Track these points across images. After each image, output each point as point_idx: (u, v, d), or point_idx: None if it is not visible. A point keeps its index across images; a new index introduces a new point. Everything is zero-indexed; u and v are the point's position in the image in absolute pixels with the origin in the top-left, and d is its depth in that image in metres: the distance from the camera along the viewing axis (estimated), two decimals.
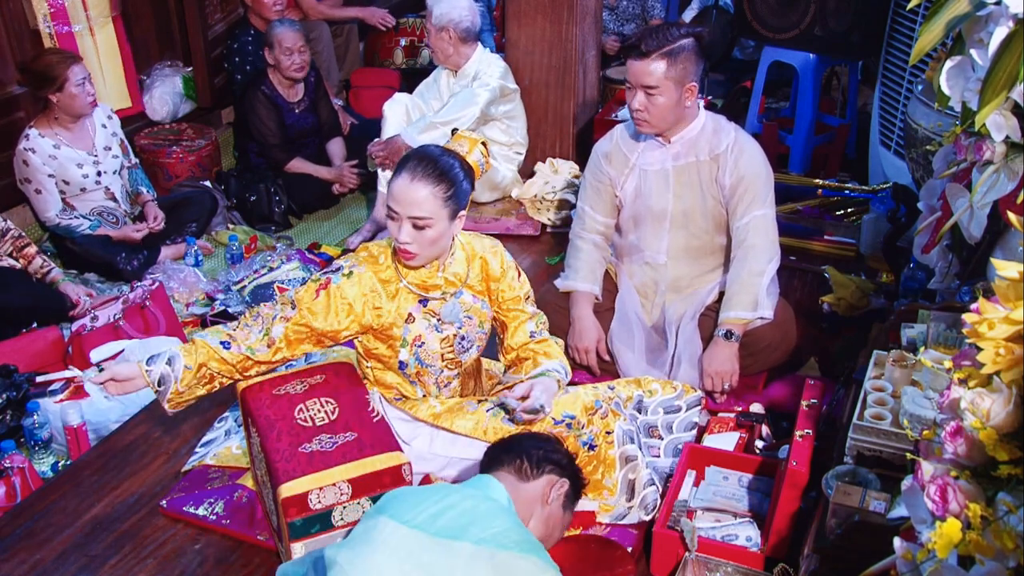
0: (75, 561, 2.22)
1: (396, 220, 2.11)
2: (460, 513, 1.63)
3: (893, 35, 3.81)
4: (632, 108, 2.61)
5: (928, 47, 1.97)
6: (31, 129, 3.64)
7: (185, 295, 3.60)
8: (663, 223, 2.74)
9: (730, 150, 2.65)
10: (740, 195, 2.65)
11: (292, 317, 2.15)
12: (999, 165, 1.98)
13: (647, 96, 2.57)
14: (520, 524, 1.70)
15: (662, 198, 2.72)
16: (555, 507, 1.92)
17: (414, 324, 2.21)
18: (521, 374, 2.35)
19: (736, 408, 2.66)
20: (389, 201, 2.12)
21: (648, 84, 2.55)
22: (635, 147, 2.76)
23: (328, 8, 5.33)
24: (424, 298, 2.22)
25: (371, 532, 1.63)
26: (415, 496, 1.71)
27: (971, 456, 1.23)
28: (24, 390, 2.83)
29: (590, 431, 2.22)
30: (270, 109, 4.24)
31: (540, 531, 1.88)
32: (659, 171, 2.72)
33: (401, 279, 2.20)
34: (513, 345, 2.37)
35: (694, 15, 5.56)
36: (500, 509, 1.69)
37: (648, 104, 2.58)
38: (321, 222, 4.33)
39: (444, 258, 2.23)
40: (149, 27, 4.83)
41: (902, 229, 3.28)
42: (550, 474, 1.91)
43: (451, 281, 2.25)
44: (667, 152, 2.70)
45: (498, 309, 2.35)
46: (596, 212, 2.84)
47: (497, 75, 3.83)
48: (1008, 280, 1.19)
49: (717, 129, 2.69)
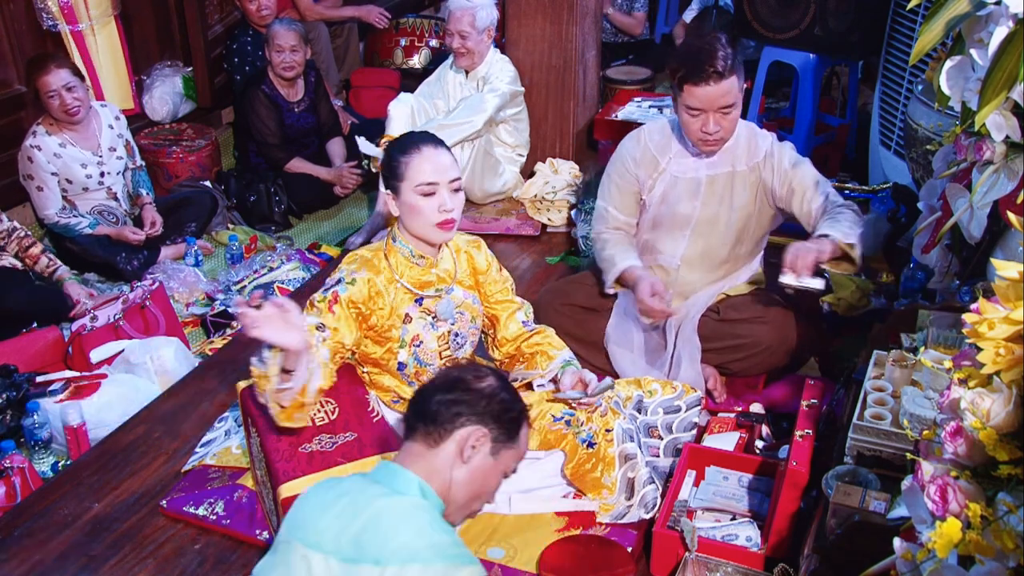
0: (75, 561, 2.22)
1: (434, 194, 2.13)
2: (362, 527, 1.48)
3: (893, 35, 3.81)
4: (708, 133, 2.51)
5: (928, 47, 1.97)
6: (38, 127, 3.64)
7: (185, 295, 3.60)
8: (684, 230, 2.72)
9: (771, 150, 2.62)
10: (802, 181, 2.58)
11: (327, 337, 2.10)
12: (999, 165, 1.99)
13: (723, 115, 2.50)
14: (430, 521, 1.51)
15: (689, 205, 2.68)
16: (478, 460, 1.63)
17: (411, 324, 2.22)
18: (536, 369, 2.36)
19: (736, 408, 2.66)
20: (422, 178, 2.12)
21: (727, 104, 2.48)
22: (666, 151, 2.70)
23: (325, 9, 5.33)
24: (420, 297, 2.24)
25: (288, 564, 1.51)
26: (318, 510, 1.54)
27: (971, 456, 1.23)
28: (24, 390, 2.83)
29: (589, 428, 2.22)
30: (270, 108, 4.24)
31: (466, 492, 1.63)
32: (691, 179, 2.67)
33: (398, 279, 2.21)
34: (508, 337, 2.39)
35: (694, 15, 5.56)
36: (405, 511, 1.51)
37: (723, 122, 2.51)
38: (321, 222, 4.33)
39: (436, 254, 2.26)
40: (149, 27, 4.83)
41: (902, 229, 3.28)
42: (462, 428, 1.61)
43: (443, 278, 2.28)
44: (702, 161, 2.65)
45: (487, 303, 2.38)
46: (620, 212, 2.78)
47: (507, 80, 3.83)
48: (1008, 280, 1.19)
49: (753, 135, 2.65)
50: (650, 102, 4.31)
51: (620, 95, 4.45)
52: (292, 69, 4.22)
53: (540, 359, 2.37)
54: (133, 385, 2.90)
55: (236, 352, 3.08)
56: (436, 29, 5.50)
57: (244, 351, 3.07)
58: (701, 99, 2.47)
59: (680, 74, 2.48)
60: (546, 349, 2.38)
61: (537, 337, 2.41)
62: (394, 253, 2.23)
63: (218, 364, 3.02)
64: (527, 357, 2.39)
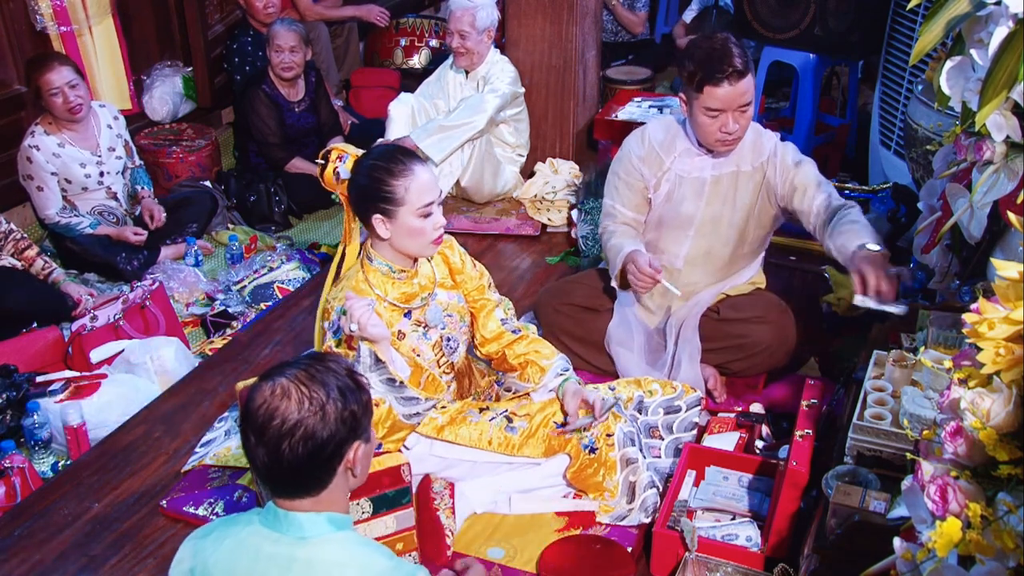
0: (75, 561, 2.22)
1: (431, 213, 2.14)
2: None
3: (893, 35, 3.81)
4: (728, 133, 2.50)
5: (928, 47, 1.98)
6: (37, 127, 3.64)
7: (185, 295, 3.60)
8: (688, 230, 2.71)
9: (775, 150, 2.62)
10: (805, 180, 2.57)
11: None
12: (999, 165, 1.99)
13: (741, 113, 2.49)
14: (363, 552, 1.46)
15: (692, 205, 2.67)
16: (362, 463, 1.52)
17: (405, 340, 2.21)
18: (530, 383, 2.35)
19: (736, 408, 2.66)
20: (424, 199, 2.11)
21: (746, 103, 2.47)
22: (671, 150, 2.68)
23: (325, 9, 5.33)
24: (408, 310, 2.22)
25: None
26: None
27: (971, 456, 1.23)
28: (24, 390, 2.83)
29: (591, 433, 2.22)
30: (270, 108, 4.24)
31: (360, 482, 1.56)
32: (696, 179, 2.66)
33: (384, 298, 2.19)
34: (487, 336, 2.38)
35: (694, 15, 5.56)
36: (332, 555, 1.44)
37: (741, 119, 2.49)
38: (321, 222, 4.33)
39: (414, 264, 2.24)
40: (149, 27, 4.83)
41: (902, 229, 3.28)
42: (343, 459, 1.47)
43: (424, 285, 2.26)
44: (707, 160, 2.64)
45: (468, 300, 2.38)
46: (627, 208, 2.74)
47: (508, 81, 3.83)
48: (1008, 280, 1.19)
49: (759, 135, 2.65)
50: (650, 102, 4.30)
51: (620, 95, 4.45)
52: (291, 70, 4.22)
53: (532, 371, 2.36)
54: (133, 385, 2.90)
55: (236, 352, 3.08)
56: (436, 29, 5.50)
57: (244, 351, 3.08)
58: (722, 99, 2.45)
59: (698, 77, 2.46)
60: (535, 359, 2.36)
61: (522, 345, 2.38)
62: (373, 273, 2.20)
63: (218, 364, 3.02)
64: (517, 367, 2.38)
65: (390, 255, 2.19)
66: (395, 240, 2.16)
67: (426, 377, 2.23)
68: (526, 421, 2.24)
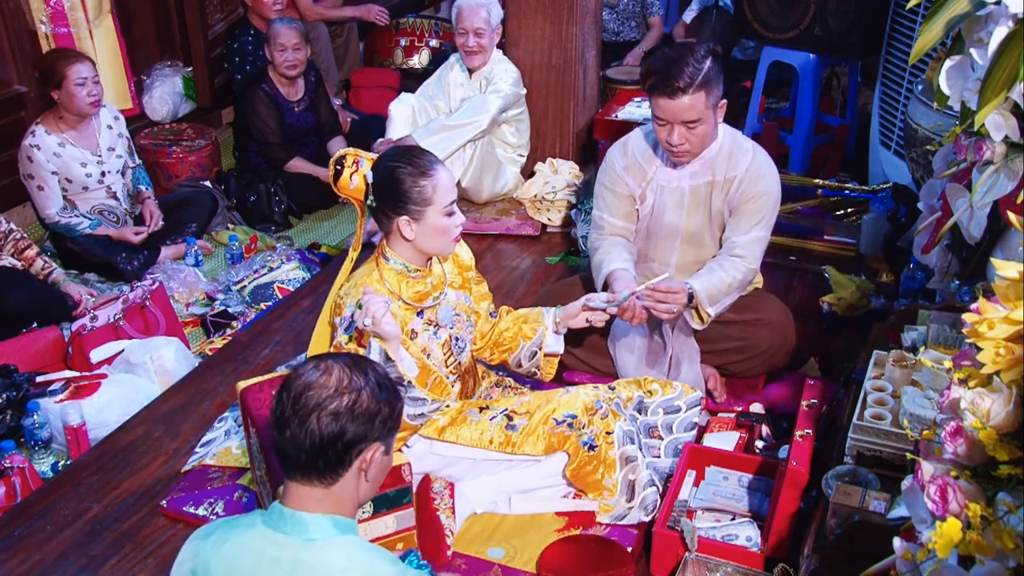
0: (75, 561, 2.22)
1: (454, 212, 2.17)
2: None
3: (893, 35, 3.81)
4: (673, 144, 2.51)
5: (928, 47, 1.98)
6: (37, 126, 3.65)
7: (185, 295, 3.60)
8: (674, 239, 2.72)
9: (747, 171, 2.61)
10: (748, 213, 2.60)
11: None
12: (999, 165, 1.99)
13: (688, 129, 2.49)
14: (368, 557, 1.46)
15: (675, 215, 2.68)
16: (377, 468, 1.53)
17: (417, 339, 2.22)
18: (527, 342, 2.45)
19: (736, 408, 2.66)
20: (448, 197, 2.14)
21: (691, 119, 2.47)
22: (653, 161, 2.68)
23: (325, 9, 5.33)
24: (420, 309, 2.23)
25: None
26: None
27: (971, 456, 1.23)
28: (24, 390, 2.83)
29: (590, 431, 2.22)
30: (270, 107, 4.24)
31: (368, 493, 1.56)
32: (675, 188, 2.67)
33: (399, 296, 2.19)
34: (484, 330, 2.45)
35: (694, 15, 5.56)
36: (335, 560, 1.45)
37: (689, 136, 2.50)
38: (321, 222, 4.33)
39: (428, 263, 2.26)
40: (149, 27, 4.83)
41: (902, 229, 3.28)
42: (360, 456, 1.49)
43: (436, 285, 2.27)
44: (685, 171, 2.65)
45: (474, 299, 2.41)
46: (616, 217, 2.74)
47: (510, 82, 3.83)
48: (1008, 280, 1.19)
49: (735, 148, 2.64)
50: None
51: (620, 95, 4.45)
52: (295, 68, 4.22)
53: (527, 328, 2.45)
54: (133, 385, 2.90)
55: (236, 352, 3.08)
56: (436, 29, 5.50)
57: (244, 351, 3.08)
58: (664, 111, 2.47)
59: (648, 82, 2.49)
60: (520, 326, 2.46)
61: (503, 323, 2.47)
62: (388, 272, 2.19)
63: (218, 364, 3.02)
64: (508, 340, 2.46)
65: (408, 254, 2.20)
66: (419, 240, 2.16)
67: (433, 379, 2.24)
68: (526, 419, 2.24)
